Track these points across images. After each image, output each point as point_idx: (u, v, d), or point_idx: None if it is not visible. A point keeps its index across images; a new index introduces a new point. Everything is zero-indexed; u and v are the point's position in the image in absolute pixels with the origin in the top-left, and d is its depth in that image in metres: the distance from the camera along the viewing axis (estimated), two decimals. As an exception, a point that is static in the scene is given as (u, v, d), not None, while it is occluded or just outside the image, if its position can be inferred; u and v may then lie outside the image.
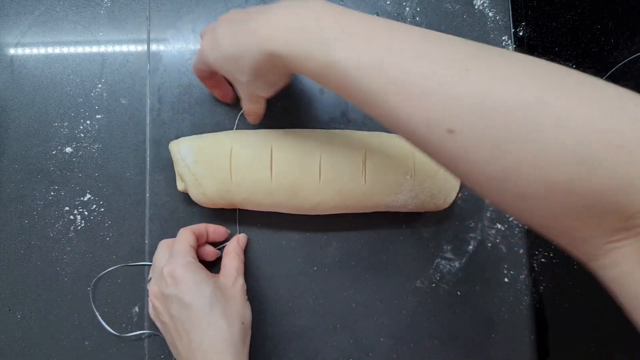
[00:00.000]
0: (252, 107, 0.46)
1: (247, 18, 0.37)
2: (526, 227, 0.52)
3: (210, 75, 0.47)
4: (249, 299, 0.45)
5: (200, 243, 0.48)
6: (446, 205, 0.50)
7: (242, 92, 0.43)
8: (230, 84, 0.49)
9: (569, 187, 0.24)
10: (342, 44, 0.31)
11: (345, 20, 0.33)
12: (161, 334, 0.45)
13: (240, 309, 0.43)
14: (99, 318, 0.49)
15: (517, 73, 0.27)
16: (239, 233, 0.51)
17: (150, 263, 0.50)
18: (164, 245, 0.46)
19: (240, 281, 0.45)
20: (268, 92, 0.42)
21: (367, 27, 0.32)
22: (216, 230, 0.49)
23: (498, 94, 0.26)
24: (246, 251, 0.51)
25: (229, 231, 0.50)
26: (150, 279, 0.45)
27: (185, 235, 0.45)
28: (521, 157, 0.25)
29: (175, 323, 0.41)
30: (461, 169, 0.29)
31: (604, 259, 0.26)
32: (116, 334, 0.49)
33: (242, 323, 0.42)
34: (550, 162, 0.25)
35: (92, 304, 0.49)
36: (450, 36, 0.30)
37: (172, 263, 0.42)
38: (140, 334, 0.49)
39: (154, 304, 0.43)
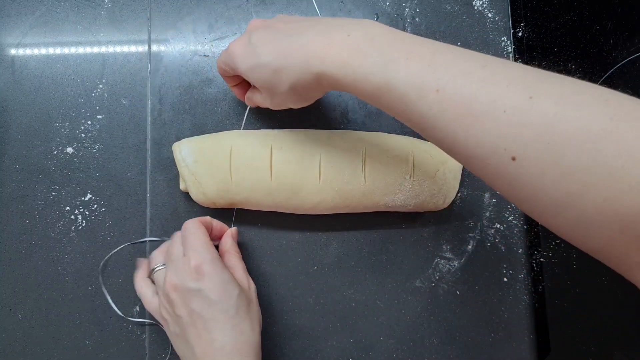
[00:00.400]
0: (260, 104, 0.45)
1: (290, 31, 0.37)
2: (525, 227, 0.52)
3: (233, 75, 0.45)
4: None
5: None
6: (445, 205, 0.50)
7: (270, 99, 0.42)
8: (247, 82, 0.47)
9: (635, 216, 0.24)
10: (402, 65, 0.31)
11: (402, 43, 0.32)
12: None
13: (257, 312, 0.43)
14: (110, 301, 0.49)
15: (585, 102, 0.26)
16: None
17: (154, 239, 0.50)
18: (179, 237, 0.44)
19: (253, 283, 0.45)
20: (298, 105, 0.41)
21: (427, 49, 0.31)
22: (219, 228, 0.48)
23: (565, 123, 0.25)
24: (246, 251, 0.51)
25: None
26: (156, 269, 0.44)
27: (200, 228, 0.43)
28: (587, 186, 0.25)
29: (193, 319, 0.39)
30: (521, 194, 0.28)
31: None
32: (122, 315, 0.49)
33: (259, 326, 0.42)
34: (617, 192, 0.24)
35: (102, 287, 0.50)
36: (513, 62, 0.30)
37: (199, 257, 0.40)
38: (145, 322, 0.49)
39: (170, 296, 0.40)
